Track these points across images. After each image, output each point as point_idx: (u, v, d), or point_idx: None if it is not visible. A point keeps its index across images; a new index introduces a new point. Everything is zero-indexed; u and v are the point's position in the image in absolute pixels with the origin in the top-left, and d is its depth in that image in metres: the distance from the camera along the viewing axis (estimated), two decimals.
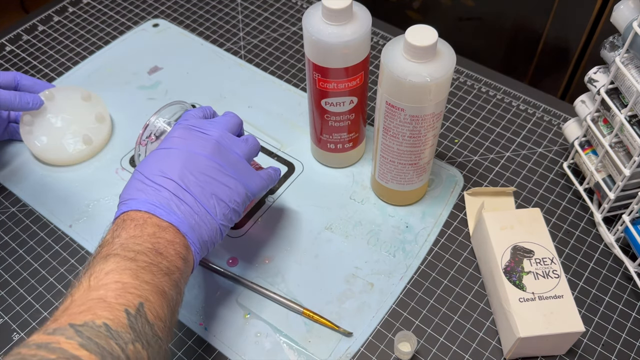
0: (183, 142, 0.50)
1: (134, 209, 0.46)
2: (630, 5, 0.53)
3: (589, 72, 0.60)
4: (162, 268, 0.44)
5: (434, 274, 0.59)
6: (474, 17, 1.07)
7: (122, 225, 0.45)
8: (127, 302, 0.40)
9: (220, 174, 0.49)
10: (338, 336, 0.55)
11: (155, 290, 0.42)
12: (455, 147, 0.70)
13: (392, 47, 0.52)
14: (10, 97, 0.64)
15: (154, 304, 0.41)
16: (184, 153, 0.49)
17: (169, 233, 0.46)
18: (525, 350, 0.52)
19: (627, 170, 0.55)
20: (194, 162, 0.49)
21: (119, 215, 0.47)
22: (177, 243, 0.46)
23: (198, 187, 0.48)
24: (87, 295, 0.40)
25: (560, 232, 0.63)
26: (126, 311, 0.39)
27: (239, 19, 0.87)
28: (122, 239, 0.44)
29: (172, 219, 0.46)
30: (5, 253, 0.62)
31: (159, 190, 0.47)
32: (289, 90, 0.77)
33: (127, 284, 0.41)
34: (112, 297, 0.40)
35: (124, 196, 0.48)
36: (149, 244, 0.44)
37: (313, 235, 0.62)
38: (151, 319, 0.41)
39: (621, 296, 0.58)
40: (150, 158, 0.50)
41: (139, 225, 0.45)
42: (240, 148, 0.52)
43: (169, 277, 0.44)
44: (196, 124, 0.52)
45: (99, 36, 0.85)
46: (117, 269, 0.41)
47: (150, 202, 0.46)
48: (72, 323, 0.37)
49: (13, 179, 0.68)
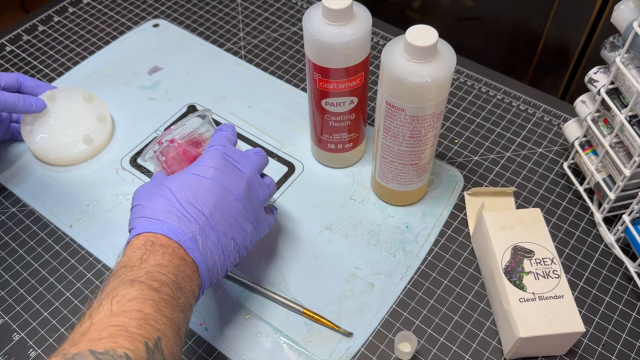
0: (218, 175, 0.49)
1: (165, 234, 0.45)
2: (630, 5, 0.53)
3: (589, 72, 0.60)
4: (180, 304, 0.43)
5: (434, 274, 0.59)
6: (474, 17, 1.07)
7: (150, 249, 0.45)
8: (148, 334, 0.39)
9: (243, 218, 0.50)
10: (338, 336, 0.55)
11: (172, 326, 0.42)
12: (455, 147, 0.70)
13: (392, 47, 0.52)
14: (15, 99, 0.64)
15: (170, 340, 0.41)
16: (218, 188, 0.48)
17: (190, 269, 0.45)
18: (526, 351, 0.52)
19: (627, 170, 0.55)
20: (225, 201, 0.48)
21: (145, 232, 0.46)
22: (194, 281, 0.46)
23: (223, 228, 0.48)
24: (108, 320, 0.39)
25: (561, 232, 0.63)
26: (146, 344, 0.39)
27: (239, 19, 0.87)
28: (149, 265, 0.43)
29: (196, 256, 0.46)
30: (5, 253, 0.62)
31: (190, 222, 0.46)
32: (289, 90, 0.77)
33: (149, 315, 0.40)
34: (134, 327, 0.39)
35: (149, 211, 0.47)
36: (173, 276, 0.44)
37: (313, 235, 0.62)
38: (167, 356, 0.40)
39: (621, 296, 0.58)
40: (182, 181, 0.48)
41: (167, 254, 0.44)
42: (263, 192, 0.52)
43: (184, 313, 0.44)
44: (232, 155, 0.51)
45: (99, 36, 0.85)
46: (140, 297, 0.41)
47: (181, 231, 0.46)
48: (93, 350, 0.37)
49: (14, 179, 0.68)
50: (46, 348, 0.55)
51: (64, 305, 0.58)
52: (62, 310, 0.57)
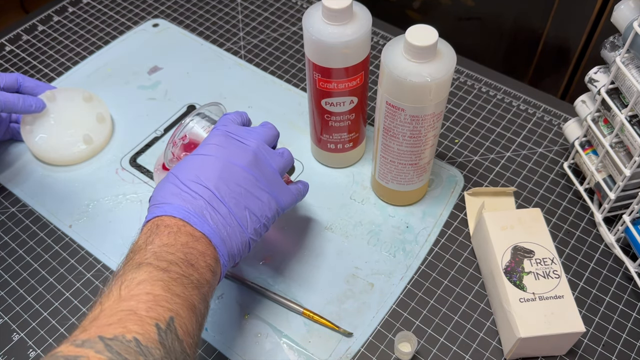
0: (221, 150, 0.49)
1: (168, 214, 0.45)
2: (630, 5, 0.53)
3: (590, 72, 0.60)
4: (193, 280, 0.43)
5: (434, 274, 0.59)
6: (474, 17, 1.07)
7: (155, 231, 0.44)
8: (158, 315, 0.39)
9: (255, 187, 0.49)
10: (338, 336, 0.55)
11: (186, 305, 0.41)
12: (455, 147, 0.70)
13: (392, 47, 0.52)
14: (14, 100, 0.64)
15: (184, 319, 0.40)
16: (222, 162, 0.48)
17: (201, 244, 0.45)
18: (526, 351, 0.52)
19: (627, 170, 0.55)
20: (231, 173, 0.48)
21: (152, 218, 0.46)
22: (208, 255, 0.45)
23: (233, 199, 0.47)
24: (117, 305, 0.39)
25: (561, 232, 0.62)
26: (157, 326, 0.38)
27: (239, 19, 0.87)
28: (155, 246, 0.43)
29: (206, 230, 0.45)
30: (5, 253, 0.62)
31: (194, 198, 0.46)
32: (289, 90, 0.77)
33: (159, 296, 0.40)
34: (143, 310, 0.39)
35: (157, 198, 0.47)
36: (182, 254, 0.43)
37: (313, 235, 0.62)
38: (181, 335, 0.40)
39: (621, 296, 0.58)
40: (186, 163, 0.49)
41: (172, 233, 0.44)
42: (275, 161, 0.51)
43: (199, 290, 0.43)
44: (235, 132, 0.51)
45: (99, 36, 0.85)
46: (149, 279, 0.40)
47: (185, 209, 0.45)
48: (102, 336, 0.37)
49: (14, 179, 0.68)
50: (46, 348, 0.55)
51: (64, 306, 0.58)
52: (61, 310, 0.57)
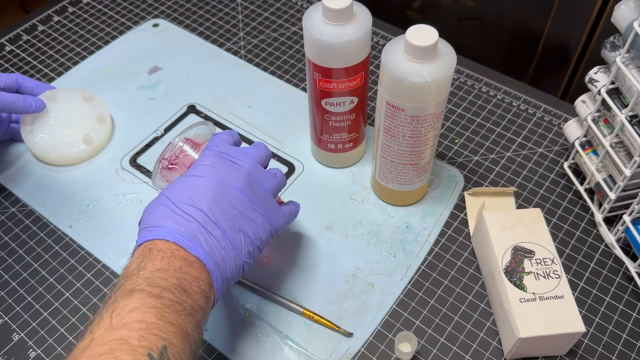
0: (214, 172, 0.48)
1: (162, 238, 0.44)
2: (630, 5, 0.53)
3: (590, 72, 0.60)
4: (187, 307, 0.42)
5: (435, 275, 0.59)
6: (474, 17, 1.07)
7: (148, 256, 0.43)
8: (151, 344, 0.38)
9: (249, 208, 0.48)
10: (338, 336, 0.55)
11: (179, 333, 0.40)
12: (455, 147, 0.70)
13: (392, 47, 0.52)
14: (14, 100, 0.64)
15: (178, 347, 0.39)
16: (215, 183, 0.47)
17: (195, 269, 0.44)
18: (526, 351, 0.52)
19: (627, 170, 0.55)
20: (224, 194, 0.47)
21: (144, 242, 0.45)
22: (202, 280, 0.44)
23: (227, 221, 0.46)
24: (108, 334, 0.38)
25: (561, 232, 0.62)
26: (149, 355, 0.37)
27: (239, 19, 0.87)
28: (148, 272, 0.42)
29: (200, 254, 0.44)
30: (5, 253, 0.62)
31: (188, 221, 0.45)
32: (289, 90, 0.77)
33: (151, 324, 0.39)
34: (135, 339, 0.37)
35: (149, 221, 0.46)
36: (175, 280, 0.42)
37: (313, 235, 0.62)
38: None
39: (622, 296, 0.58)
40: (179, 184, 0.48)
41: (165, 257, 0.43)
42: (268, 182, 0.51)
43: (192, 317, 0.42)
44: (227, 152, 0.50)
45: (99, 36, 0.85)
46: (141, 306, 0.39)
47: (179, 232, 0.44)
48: None
49: (14, 179, 0.68)
50: (46, 348, 0.55)
51: (64, 306, 0.58)
52: (61, 311, 0.57)
